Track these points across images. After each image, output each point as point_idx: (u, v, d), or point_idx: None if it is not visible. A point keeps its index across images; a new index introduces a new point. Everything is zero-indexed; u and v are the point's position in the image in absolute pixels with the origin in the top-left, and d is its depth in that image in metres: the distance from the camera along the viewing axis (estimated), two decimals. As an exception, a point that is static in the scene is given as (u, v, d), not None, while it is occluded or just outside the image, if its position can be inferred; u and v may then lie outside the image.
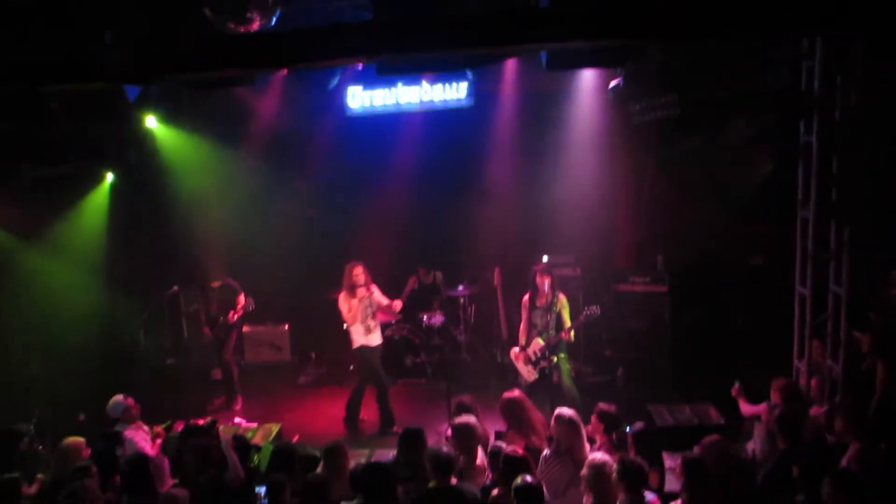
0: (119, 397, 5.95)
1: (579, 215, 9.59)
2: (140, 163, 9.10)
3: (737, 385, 6.21)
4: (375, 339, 7.77)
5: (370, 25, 5.13)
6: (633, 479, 4.32)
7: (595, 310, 7.08)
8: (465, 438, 5.16)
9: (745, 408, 6.02)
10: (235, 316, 8.45)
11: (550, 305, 7.07)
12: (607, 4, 4.83)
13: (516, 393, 5.83)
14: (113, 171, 9.44)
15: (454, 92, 8.94)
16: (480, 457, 5.23)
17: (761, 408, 5.79)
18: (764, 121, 7.77)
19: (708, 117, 8.20)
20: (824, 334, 6.44)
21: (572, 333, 7.12)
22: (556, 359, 7.04)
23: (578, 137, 9.52)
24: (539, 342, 7.03)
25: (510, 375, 8.12)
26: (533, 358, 7.07)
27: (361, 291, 7.52)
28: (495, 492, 4.63)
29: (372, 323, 7.70)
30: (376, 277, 7.90)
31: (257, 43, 5.06)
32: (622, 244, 9.98)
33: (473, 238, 9.97)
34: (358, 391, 7.90)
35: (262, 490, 4.54)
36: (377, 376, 7.80)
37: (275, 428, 7.19)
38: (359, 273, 7.54)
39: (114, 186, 9.62)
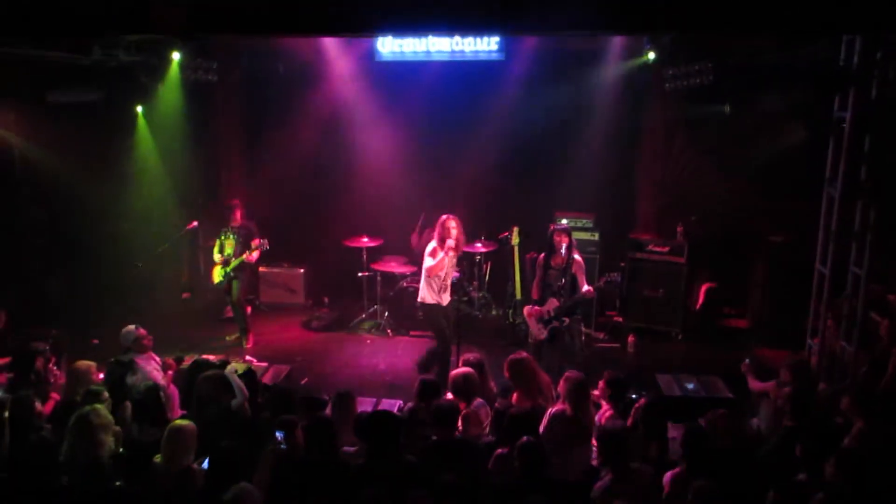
0: (131, 327, 6.00)
1: (602, 179, 9.49)
2: (167, 94, 9.05)
3: (746, 361, 6.17)
4: (447, 298, 7.37)
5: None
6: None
7: (616, 277, 7.03)
8: (463, 390, 5.20)
9: (754, 384, 5.99)
10: (250, 258, 8.45)
11: (566, 267, 7.01)
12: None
13: (523, 354, 5.83)
14: (141, 103, 9.41)
15: (485, 44, 8.79)
16: (476, 407, 5.27)
17: (769, 385, 5.75)
18: (798, 94, 7.58)
19: (741, 87, 8.04)
20: (839, 315, 6.37)
21: (591, 289, 7.04)
22: (568, 320, 7.00)
23: (607, 99, 9.38)
24: (554, 302, 7.00)
25: (521, 335, 8.12)
26: (546, 316, 7.05)
27: (450, 245, 7.16)
28: (499, 450, 4.65)
29: (448, 282, 7.35)
30: (395, 227, 7.83)
31: (307, 7, 4.99)
32: (643, 211, 9.91)
33: (493, 194, 9.91)
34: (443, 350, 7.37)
35: (280, 434, 4.57)
36: (443, 335, 7.41)
37: (284, 370, 7.24)
38: (452, 227, 7.18)
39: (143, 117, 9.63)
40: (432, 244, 7.26)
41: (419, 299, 7.36)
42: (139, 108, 9.50)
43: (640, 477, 4.39)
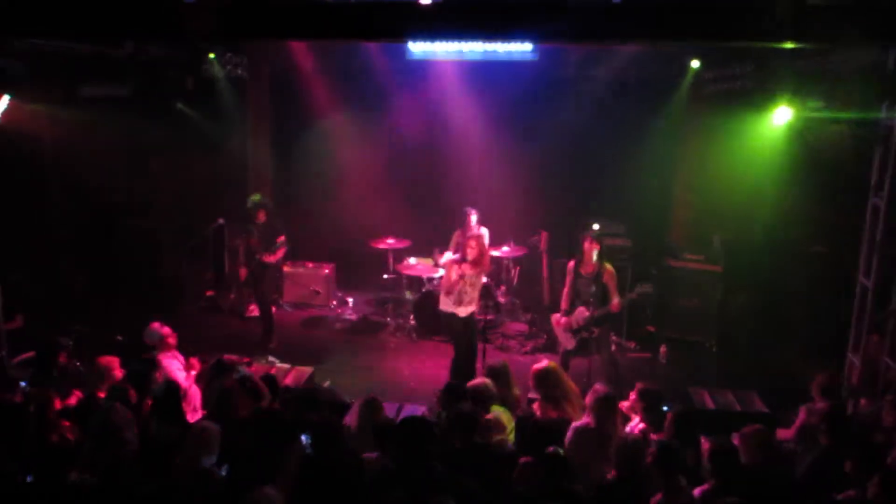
0: (156, 325, 6.09)
1: (635, 184, 9.42)
2: (198, 90, 9.17)
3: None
4: (465, 311, 7.30)
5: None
6: (669, 462, 4.27)
7: (648, 289, 6.99)
8: (479, 399, 5.20)
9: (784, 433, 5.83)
10: (273, 258, 8.51)
11: (597, 275, 6.97)
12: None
13: (550, 363, 5.80)
14: (176, 98, 9.57)
15: (519, 45, 8.77)
16: (493, 416, 5.27)
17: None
18: (843, 99, 7.46)
19: (784, 91, 7.93)
20: (884, 329, 6.25)
21: (618, 304, 7.00)
22: (597, 331, 6.96)
23: (642, 102, 9.31)
24: (584, 311, 6.96)
25: (548, 342, 8.10)
26: (575, 326, 7.01)
27: (466, 267, 7.15)
28: (524, 459, 4.63)
29: (467, 296, 7.25)
30: (421, 225, 7.84)
31: (340, 13, 5.09)
32: (678, 218, 9.83)
33: (523, 198, 9.88)
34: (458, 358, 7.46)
35: (305, 437, 4.60)
36: (458, 344, 7.47)
37: (307, 372, 7.29)
38: (471, 245, 7.13)
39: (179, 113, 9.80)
40: (448, 255, 7.30)
41: (440, 304, 7.44)
42: (179, 105, 9.66)
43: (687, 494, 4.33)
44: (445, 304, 7.32)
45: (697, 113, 9.36)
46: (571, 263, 7.17)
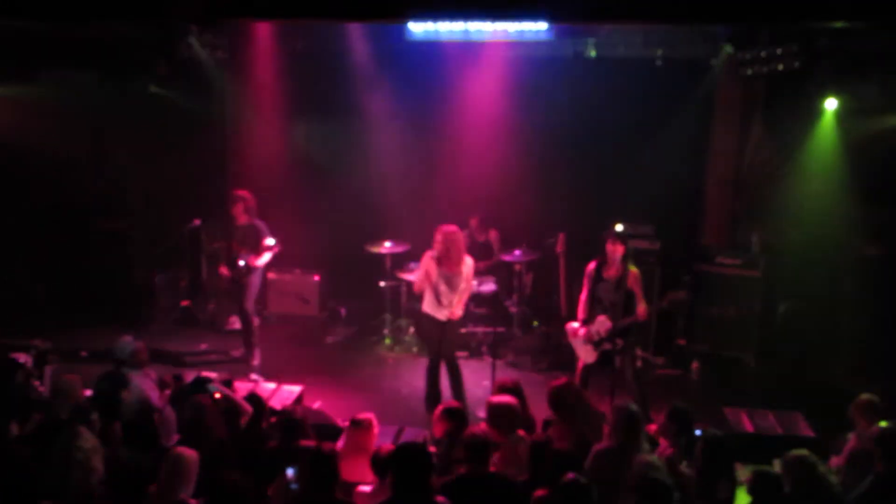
0: (128, 338, 6.11)
1: (663, 179, 9.42)
2: (173, 75, 9.25)
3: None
4: (446, 313, 7.47)
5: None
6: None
7: (681, 295, 6.98)
8: (503, 421, 5.18)
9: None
10: (256, 260, 8.54)
11: (620, 280, 6.97)
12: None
13: (568, 380, 5.81)
14: (143, 82, 9.64)
15: (532, 23, 8.77)
16: (514, 441, 5.26)
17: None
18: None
19: (833, 75, 7.94)
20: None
21: (645, 311, 7.00)
22: (622, 343, 6.96)
23: (672, 87, 9.33)
24: (605, 320, 6.95)
25: (566, 357, 8.10)
26: (595, 337, 7.01)
27: (431, 263, 7.41)
28: (539, 492, 4.63)
29: (445, 297, 7.44)
30: (422, 227, 7.86)
31: None
32: (712, 217, 9.83)
33: (537, 196, 9.91)
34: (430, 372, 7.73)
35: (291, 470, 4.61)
36: (429, 350, 7.75)
37: (295, 391, 7.30)
38: (438, 240, 7.38)
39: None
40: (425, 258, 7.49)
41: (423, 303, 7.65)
42: (152, 88, 9.72)
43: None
44: (426, 305, 7.56)
45: (733, 99, 9.36)
46: (591, 265, 7.18)
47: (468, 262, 7.52)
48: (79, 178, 9.47)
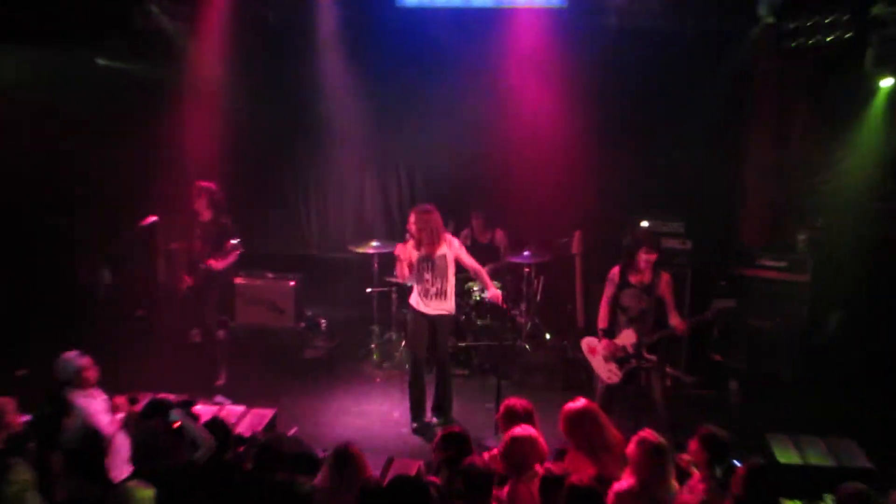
0: (72, 354, 6.05)
1: (695, 168, 9.42)
2: (127, 48, 9.22)
3: None
4: (434, 305, 7.71)
5: None
6: None
7: (729, 305, 6.92)
8: (519, 455, 5.14)
9: None
10: (222, 263, 8.51)
11: (649, 286, 6.94)
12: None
13: (587, 403, 5.78)
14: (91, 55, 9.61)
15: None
16: (529, 478, 5.22)
17: None
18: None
19: (889, 47, 7.93)
20: None
21: (683, 324, 6.96)
22: (653, 360, 6.93)
23: (703, 62, 9.32)
24: (631, 334, 6.93)
25: (583, 375, 8.08)
26: (620, 354, 6.97)
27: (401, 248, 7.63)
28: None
29: (433, 286, 7.67)
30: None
31: None
32: (752, 212, 9.83)
33: (549, 188, 9.90)
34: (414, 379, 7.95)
35: None
36: (413, 350, 7.89)
37: (267, 415, 7.28)
38: (409, 220, 7.64)
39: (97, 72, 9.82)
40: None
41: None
42: (100, 61, 9.70)
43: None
44: (413, 298, 7.81)
45: (774, 76, 9.35)
46: (615, 270, 7.15)
47: (453, 242, 7.72)
48: (15, 166, 9.41)
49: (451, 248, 7.68)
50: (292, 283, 10.25)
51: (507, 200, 9.98)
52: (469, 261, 7.80)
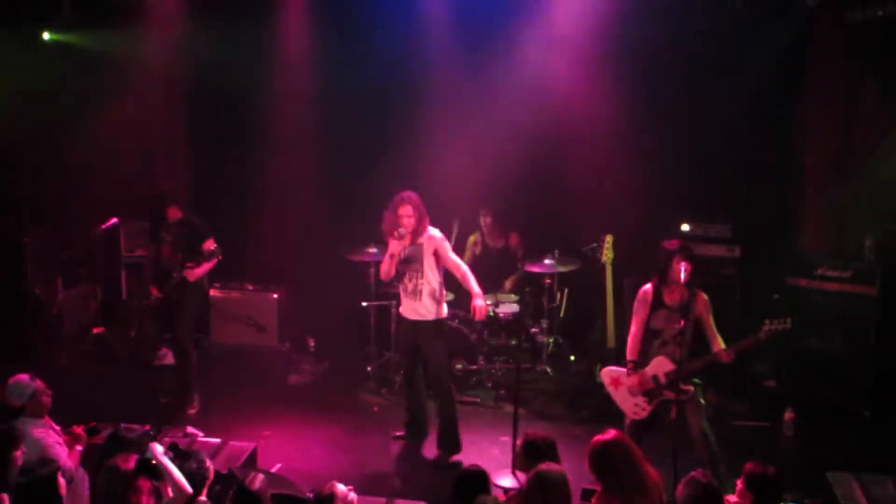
0: (24, 377, 6.10)
1: (742, 162, 9.45)
2: (81, 24, 9.31)
3: None
4: (412, 308, 7.83)
5: None
6: None
7: (784, 324, 6.88)
8: (544, 497, 5.19)
9: None
10: (197, 272, 8.58)
11: (686, 305, 6.95)
12: None
13: (615, 434, 5.81)
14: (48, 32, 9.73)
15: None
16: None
17: None
18: None
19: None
20: None
21: (728, 352, 6.98)
22: (691, 391, 6.94)
23: (749, 39, 9.38)
24: (665, 361, 6.93)
25: (614, 404, 8.14)
26: (650, 385, 6.98)
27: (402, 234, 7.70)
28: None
29: (409, 282, 7.81)
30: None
31: None
32: (809, 213, 9.82)
33: (574, 188, 9.96)
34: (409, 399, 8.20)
35: None
36: (406, 365, 8.08)
37: (246, 450, 7.34)
38: (403, 213, 7.69)
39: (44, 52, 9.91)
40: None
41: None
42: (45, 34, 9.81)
43: None
44: (402, 307, 7.98)
45: (836, 53, 9.37)
46: (647, 288, 7.15)
47: (435, 234, 7.79)
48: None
49: (431, 241, 7.76)
50: (275, 296, 10.32)
51: (525, 200, 10.05)
52: (451, 258, 7.80)
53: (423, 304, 7.75)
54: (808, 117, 9.75)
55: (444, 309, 7.92)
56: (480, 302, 7.70)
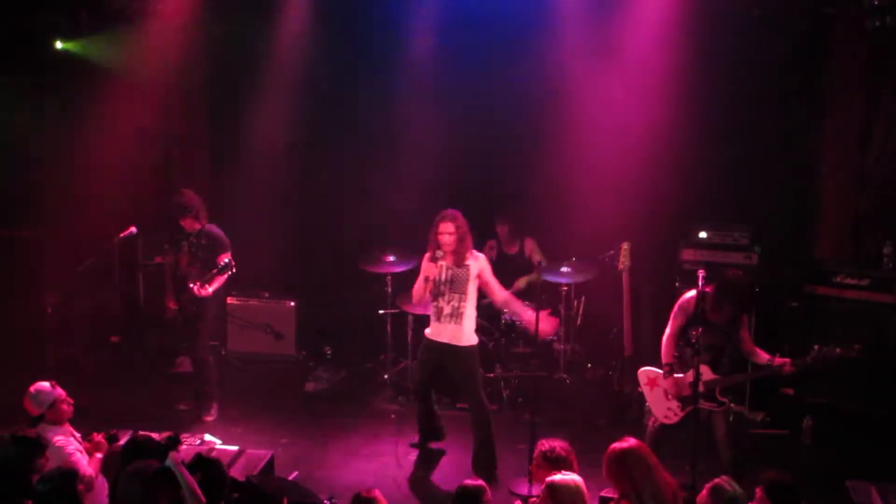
0: (45, 385, 6.14)
1: (761, 169, 9.43)
2: (96, 25, 9.37)
3: None
4: (448, 332, 7.63)
5: None
6: None
7: (834, 352, 6.90)
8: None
9: None
10: (212, 285, 8.60)
11: (732, 324, 6.94)
12: None
13: (633, 442, 5.81)
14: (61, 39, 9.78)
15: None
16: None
17: None
18: None
19: None
20: None
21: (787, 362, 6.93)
22: (727, 402, 6.95)
23: (770, 46, 9.36)
24: (706, 370, 6.89)
25: (632, 412, 8.14)
26: (687, 391, 6.95)
27: (439, 256, 7.59)
28: None
29: (448, 304, 7.62)
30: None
31: None
32: (828, 221, 9.80)
33: (591, 193, 9.95)
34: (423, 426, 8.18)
35: None
36: (422, 383, 8.01)
37: (264, 457, 7.36)
38: (444, 230, 7.56)
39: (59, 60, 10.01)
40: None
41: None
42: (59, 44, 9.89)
43: None
44: (429, 327, 7.79)
45: (856, 62, 9.35)
46: (690, 297, 7.12)
47: (479, 255, 7.69)
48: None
49: (477, 261, 7.65)
50: (292, 304, 10.35)
51: (540, 206, 10.07)
52: (493, 281, 7.74)
53: (462, 328, 7.58)
54: (826, 124, 9.73)
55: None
56: (531, 315, 7.78)
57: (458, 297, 7.58)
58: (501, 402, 9.24)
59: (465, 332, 7.61)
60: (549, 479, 5.26)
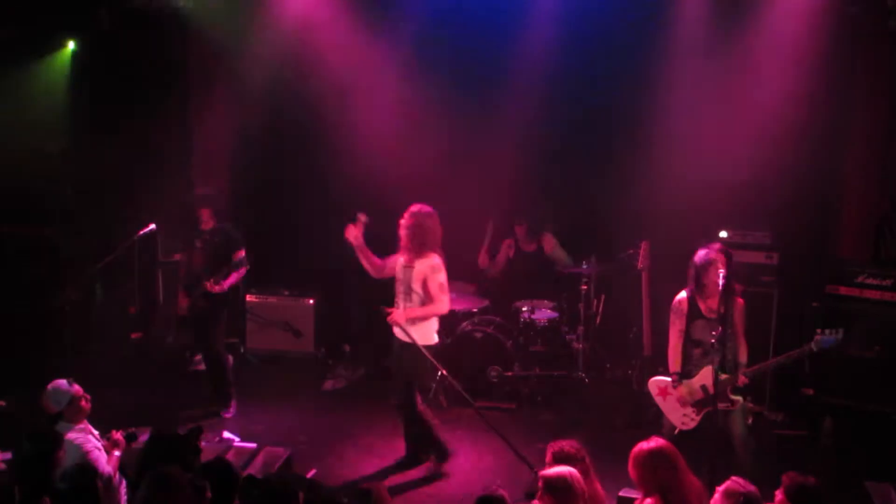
0: (62, 382, 6.17)
1: (782, 168, 9.41)
2: (115, 28, 9.41)
3: None
4: (399, 329, 7.65)
5: None
6: None
7: (835, 336, 6.85)
8: (554, 498, 5.21)
9: None
10: (227, 282, 8.64)
11: (724, 315, 6.90)
12: None
13: (660, 442, 5.79)
14: (76, 39, 9.81)
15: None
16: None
17: None
18: None
19: None
20: None
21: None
22: (741, 401, 6.93)
23: (787, 45, 9.34)
24: (717, 374, 6.87)
25: (652, 412, 8.12)
26: (699, 395, 6.95)
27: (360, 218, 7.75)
28: None
29: (402, 302, 7.72)
30: (452, 232, 7.92)
31: None
32: (850, 221, 9.76)
33: (610, 191, 9.97)
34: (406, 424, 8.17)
35: None
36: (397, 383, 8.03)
37: (282, 455, 7.39)
38: (401, 223, 7.69)
39: (76, 58, 10.01)
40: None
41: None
42: (70, 44, 9.95)
43: None
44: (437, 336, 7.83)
45: (879, 61, 9.31)
46: (682, 298, 7.13)
47: (435, 262, 7.59)
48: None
49: (424, 265, 7.58)
50: (311, 302, 10.38)
51: (559, 204, 10.09)
52: (431, 290, 7.59)
53: (408, 326, 7.54)
54: (848, 124, 9.68)
55: (433, 336, 7.78)
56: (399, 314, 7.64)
57: (403, 295, 7.67)
58: (520, 399, 9.25)
59: (412, 330, 7.52)
60: (542, 472, 5.28)
